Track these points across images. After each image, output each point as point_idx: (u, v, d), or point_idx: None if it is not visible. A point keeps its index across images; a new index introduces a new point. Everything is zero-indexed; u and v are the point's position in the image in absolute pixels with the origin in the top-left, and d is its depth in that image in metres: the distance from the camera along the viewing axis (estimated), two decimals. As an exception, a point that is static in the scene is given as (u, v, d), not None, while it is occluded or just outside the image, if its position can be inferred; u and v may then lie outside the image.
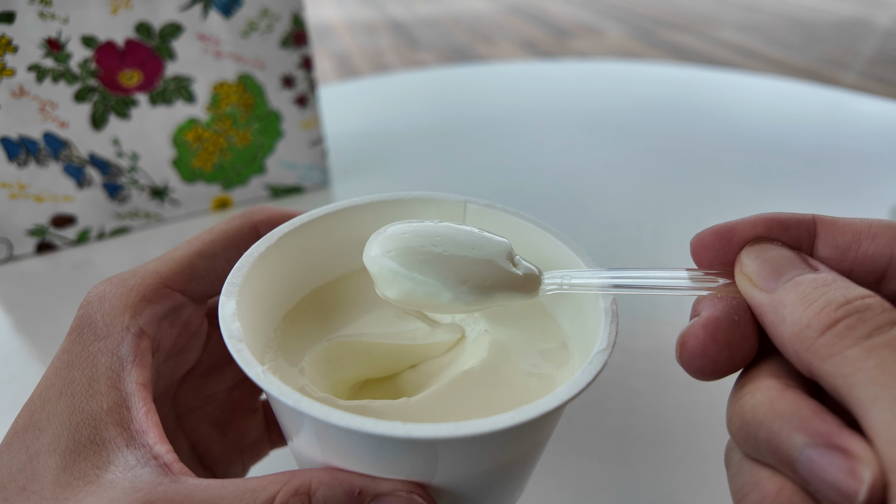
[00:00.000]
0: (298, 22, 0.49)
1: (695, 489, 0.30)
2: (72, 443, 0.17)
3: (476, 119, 0.75)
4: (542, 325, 0.23)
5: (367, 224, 0.23)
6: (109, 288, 0.20)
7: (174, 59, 0.46)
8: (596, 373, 0.16)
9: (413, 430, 0.14)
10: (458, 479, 0.17)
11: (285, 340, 0.21)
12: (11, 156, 0.43)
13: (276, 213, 0.22)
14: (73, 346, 0.18)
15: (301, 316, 0.22)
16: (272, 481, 0.16)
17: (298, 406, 0.15)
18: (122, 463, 0.16)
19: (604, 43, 2.71)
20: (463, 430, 0.14)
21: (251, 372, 0.16)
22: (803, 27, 2.89)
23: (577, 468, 0.31)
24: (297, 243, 0.22)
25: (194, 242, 0.21)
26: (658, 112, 0.78)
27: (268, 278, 0.21)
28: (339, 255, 0.24)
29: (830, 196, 0.58)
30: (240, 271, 0.19)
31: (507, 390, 0.19)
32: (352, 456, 0.16)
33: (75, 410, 0.17)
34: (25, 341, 0.40)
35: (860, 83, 2.13)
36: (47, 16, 0.40)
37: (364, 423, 0.14)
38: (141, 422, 0.17)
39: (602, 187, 0.59)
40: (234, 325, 0.17)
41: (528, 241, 0.23)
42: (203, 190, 0.52)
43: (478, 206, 0.23)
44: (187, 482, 0.16)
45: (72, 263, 0.47)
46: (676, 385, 0.36)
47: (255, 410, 0.26)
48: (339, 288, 0.24)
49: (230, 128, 0.51)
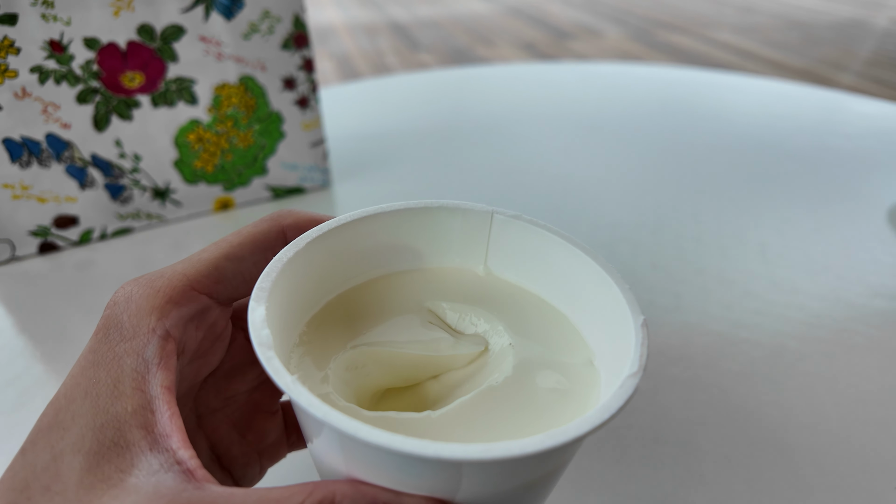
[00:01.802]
0: (299, 24, 0.50)
1: (693, 489, 0.30)
2: (96, 444, 0.16)
3: (476, 120, 0.76)
4: (568, 340, 0.23)
5: (393, 230, 0.23)
6: (136, 289, 0.19)
7: (176, 61, 0.46)
8: (627, 398, 0.16)
9: (442, 451, 0.14)
10: (480, 496, 0.17)
11: (310, 347, 0.21)
12: (14, 157, 0.43)
13: (304, 217, 0.22)
14: (100, 345, 0.18)
15: (325, 321, 0.22)
16: (296, 492, 0.16)
17: (327, 419, 0.15)
18: (145, 467, 0.16)
19: (603, 45, 2.71)
20: (493, 452, 0.14)
21: (281, 381, 0.16)
22: (801, 29, 2.90)
23: (576, 467, 0.31)
24: (324, 248, 0.22)
25: (221, 245, 0.21)
26: (657, 113, 0.78)
27: (295, 283, 0.21)
28: (365, 260, 0.24)
29: (828, 197, 0.58)
30: (269, 276, 0.19)
31: (532, 408, 0.19)
32: (376, 470, 0.16)
33: (100, 411, 0.17)
34: (28, 342, 0.40)
35: (858, 84, 2.14)
36: (49, 18, 0.41)
37: (393, 441, 0.14)
38: (165, 425, 0.17)
39: (601, 188, 0.59)
40: (264, 331, 0.17)
41: (553, 255, 0.23)
42: (205, 191, 0.52)
43: (504, 217, 0.23)
44: (211, 490, 0.16)
45: (74, 264, 0.47)
46: (675, 385, 0.36)
47: (274, 412, 0.26)
48: (364, 293, 0.24)
49: (232, 129, 0.51)
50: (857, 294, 0.44)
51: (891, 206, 0.56)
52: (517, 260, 0.24)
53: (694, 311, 0.42)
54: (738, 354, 0.38)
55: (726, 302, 0.43)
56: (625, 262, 0.48)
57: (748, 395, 0.35)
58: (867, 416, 0.34)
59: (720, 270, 0.47)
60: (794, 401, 0.35)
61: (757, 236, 0.51)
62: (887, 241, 0.51)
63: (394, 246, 0.24)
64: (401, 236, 0.24)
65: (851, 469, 0.31)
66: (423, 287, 0.24)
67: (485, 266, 0.25)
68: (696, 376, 0.37)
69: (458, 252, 0.25)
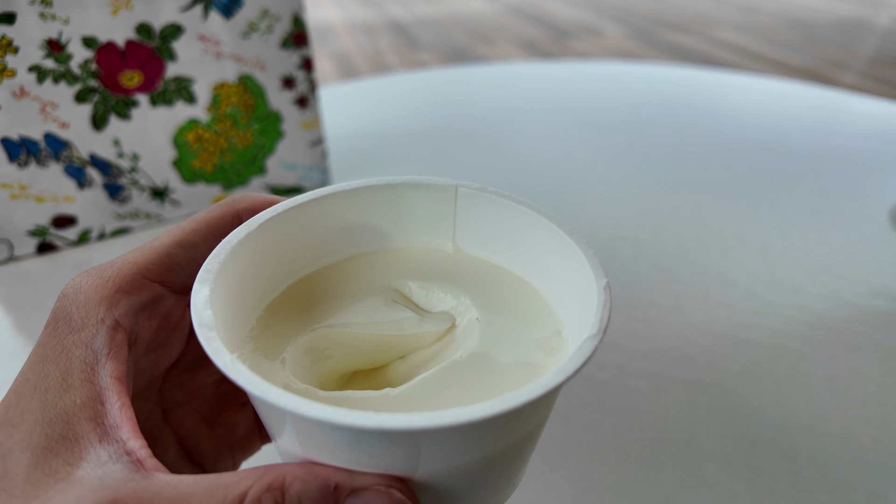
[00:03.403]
0: (299, 23, 0.50)
1: (694, 489, 0.30)
2: (44, 439, 0.16)
3: (476, 119, 0.75)
4: (536, 312, 0.22)
5: (355, 210, 0.22)
6: (86, 280, 0.19)
7: (175, 60, 0.46)
8: (585, 359, 0.16)
9: (385, 421, 0.13)
10: (440, 472, 0.16)
11: (267, 331, 0.20)
12: (12, 156, 0.43)
13: (260, 200, 0.22)
14: (49, 339, 0.18)
15: (285, 306, 0.22)
16: (245, 476, 0.15)
17: (266, 396, 0.14)
18: (93, 459, 0.16)
19: (603, 43, 2.71)
20: (440, 419, 0.13)
21: (219, 361, 0.15)
22: (802, 28, 2.90)
23: (577, 468, 0.31)
24: (280, 230, 0.21)
25: (174, 232, 0.21)
26: (658, 112, 0.78)
27: (248, 266, 0.20)
28: (326, 243, 0.23)
29: (830, 197, 0.58)
30: (216, 258, 0.18)
31: (496, 380, 0.19)
32: (329, 449, 0.16)
33: (48, 405, 0.17)
34: (26, 342, 0.40)
35: (859, 83, 2.13)
36: (48, 17, 0.40)
37: (334, 414, 0.14)
38: (115, 416, 0.17)
39: (602, 187, 0.59)
40: (206, 312, 0.17)
41: (521, 226, 0.22)
42: (203, 190, 0.52)
43: (469, 189, 0.23)
44: (159, 478, 0.16)
45: (72, 264, 0.47)
46: (676, 385, 0.36)
47: (244, 405, 0.25)
48: (327, 276, 0.23)
49: (230, 128, 0.51)
50: (859, 294, 0.44)
51: (892, 205, 0.56)
52: (485, 234, 0.23)
53: (695, 311, 0.42)
54: (738, 355, 0.38)
55: (727, 302, 0.43)
56: (625, 262, 0.47)
57: (749, 395, 0.35)
58: (868, 416, 0.34)
59: (721, 271, 0.46)
60: (795, 401, 0.35)
61: (758, 236, 0.51)
62: (889, 241, 0.51)
63: (357, 226, 0.23)
64: (364, 216, 0.23)
65: (853, 470, 0.31)
66: (388, 268, 0.24)
67: (453, 243, 0.24)
68: (697, 377, 0.36)
69: (424, 230, 0.24)
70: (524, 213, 0.22)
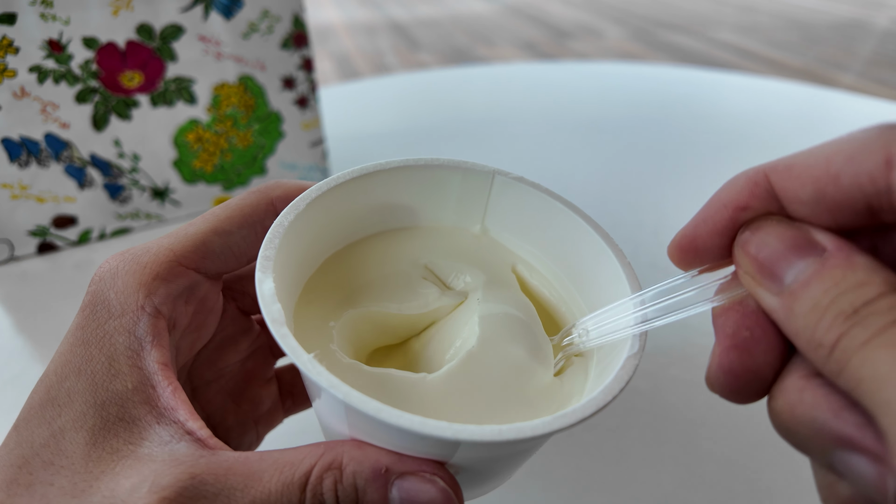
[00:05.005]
0: (299, 23, 0.50)
1: (694, 489, 0.30)
2: (99, 420, 0.16)
3: (476, 120, 0.76)
4: (553, 305, 0.23)
5: (390, 188, 0.23)
6: (122, 265, 0.19)
7: (175, 61, 0.46)
8: (628, 378, 0.17)
9: (434, 430, 0.15)
10: (476, 460, 0.18)
11: (311, 307, 0.21)
12: (13, 156, 0.43)
13: (293, 187, 0.22)
14: (88, 322, 0.18)
15: (323, 282, 0.22)
16: (307, 454, 0.16)
17: (348, 400, 0.15)
18: (156, 438, 0.16)
19: (603, 44, 2.71)
20: (484, 435, 0.15)
21: (299, 361, 0.15)
22: (801, 28, 2.90)
23: (577, 468, 0.31)
24: (322, 208, 0.21)
25: (209, 218, 0.21)
26: (657, 113, 0.78)
27: (294, 246, 0.20)
28: (363, 219, 0.23)
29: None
30: (272, 243, 0.18)
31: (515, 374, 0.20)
32: (380, 436, 0.17)
33: (99, 388, 0.17)
34: (27, 342, 0.40)
35: (858, 84, 2.14)
36: (48, 17, 0.40)
37: (412, 423, 0.15)
38: (168, 400, 0.17)
39: (602, 188, 0.59)
40: (275, 306, 0.17)
41: (552, 220, 0.23)
42: (204, 191, 0.52)
43: (506, 178, 0.23)
44: (226, 455, 0.16)
45: (73, 264, 0.47)
46: (675, 385, 0.36)
47: (269, 380, 0.26)
48: (359, 252, 0.24)
49: (231, 129, 0.51)
50: (858, 294, 0.44)
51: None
52: (515, 222, 0.24)
53: (694, 311, 0.42)
54: (738, 355, 0.38)
55: (727, 302, 0.43)
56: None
57: (749, 395, 0.35)
58: (868, 416, 0.34)
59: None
60: (794, 401, 0.35)
61: (757, 236, 0.51)
62: (888, 241, 0.51)
63: (389, 204, 0.24)
64: (398, 194, 0.23)
65: (852, 470, 0.31)
66: (417, 244, 0.24)
67: (482, 226, 0.25)
68: (697, 377, 0.36)
69: (454, 210, 0.24)
70: (558, 209, 0.23)
